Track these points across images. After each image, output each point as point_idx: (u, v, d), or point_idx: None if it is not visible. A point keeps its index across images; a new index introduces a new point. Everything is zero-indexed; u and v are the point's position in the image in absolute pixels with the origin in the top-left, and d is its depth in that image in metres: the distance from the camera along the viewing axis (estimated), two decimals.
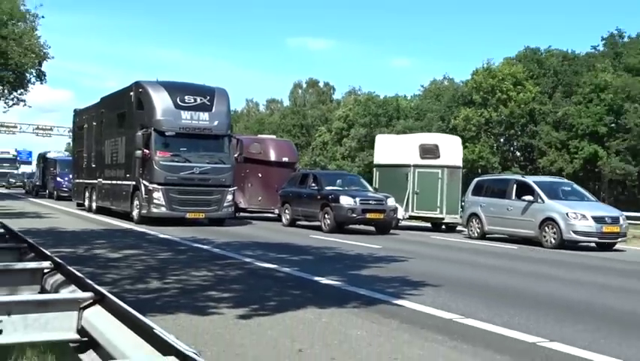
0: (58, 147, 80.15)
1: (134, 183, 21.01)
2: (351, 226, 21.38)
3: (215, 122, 20.72)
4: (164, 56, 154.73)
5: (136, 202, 20.90)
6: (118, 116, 23.41)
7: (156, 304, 7.53)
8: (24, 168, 70.23)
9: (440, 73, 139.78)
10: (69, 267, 4.21)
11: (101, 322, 3.13)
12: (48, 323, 3.32)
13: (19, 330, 3.29)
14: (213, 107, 20.83)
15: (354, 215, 20.28)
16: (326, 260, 12.80)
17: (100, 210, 24.78)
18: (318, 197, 21.50)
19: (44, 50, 34.35)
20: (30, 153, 75.36)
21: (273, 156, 26.09)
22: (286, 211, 23.19)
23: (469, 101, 59.04)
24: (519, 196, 19.43)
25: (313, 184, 22.37)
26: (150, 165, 19.95)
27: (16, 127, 76.11)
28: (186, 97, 20.52)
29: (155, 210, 19.74)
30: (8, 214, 21.39)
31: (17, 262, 4.97)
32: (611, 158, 49.56)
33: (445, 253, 16.61)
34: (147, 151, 19.87)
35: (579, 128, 51.16)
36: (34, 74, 35.35)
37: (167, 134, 20.01)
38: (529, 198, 18.88)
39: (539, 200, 18.69)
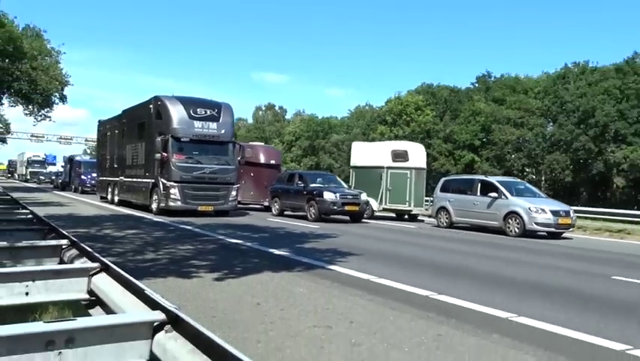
0: (76, 152, 78.15)
1: (153, 180, 18.94)
2: (331, 216, 20.10)
3: (222, 131, 19.04)
4: (159, 83, 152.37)
5: (154, 197, 18.89)
6: (138, 125, 21.36)
7: (151, 271, 7.42)
8: (50, 168, 68.26)
9: (363, 100, 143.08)
10: (82, 244, 4.13)
11: (105, 285, 3.09)
12: (64, 286, 3.28)
13: (42, 292, 3.25)
14: (220, 118, 19.11)
15: (335, 207, 19.16)
16: (279, 237, 12.76)
17: (121, 203, 22.74)
18: (304, 193, 20.08)
19: (66, 79, 34.02)
20: (55, 157, 73.73)
21: (262, 159, 24.91)
22: (275, 204, 21.78)
23: (384, 120, 60.09)
24: (484, 193, 18.01)
25: (300, 182, 21.03)
26: (168, 166, 18.07)
27: (43, 137, 77.30)
28: (198, 109, 18.75)
29: (172, 203, 17.96)
30: (37, 203, 20.66)
31: (41, 240, 4.86)
32: (483, 163, 51.10)
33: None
34: (165, 154, 17.97)
35: (461, 141, 52.80)
36: (58, 97, 34.83)
37: (182, 140, 18.23)
38: (494, 195, 17.51)
39: (503, 196, 17.33)
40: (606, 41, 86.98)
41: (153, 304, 2.41)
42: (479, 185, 18.66)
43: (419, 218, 22.79)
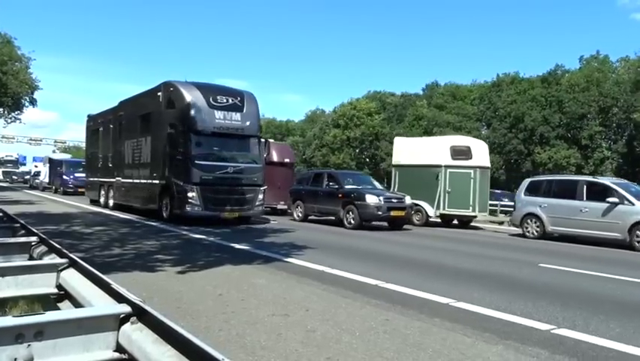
0: (45, 153, 75.82)
1: (163, 182, 14.74)
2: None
3: (247, 123, 14.78)
4: (125, 89, 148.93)
5: (165, 201, 14.73)
6: (141, 117, 16.79)
7: (118, 265, 7.24)
8: (21, 168, 65.52)
9: (317, 105, 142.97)
10: (50, 240, 4.00)
11: (73, 280, 3.00)
12: (34, 281, 3.17)
13: (12, 287, 3.13)
14: (244, 108, 14.88)
15: (380, 213, 15.18)
16: (239, 232, 12.63)
17: (118, 207, 18.35)
18: (339, 195, 15.93)
19: (35, 83, 32.82)
20: (25, 157, 71.12)
21: (275, 158, 20.00)
22: (298, 208, 17.57)
23: (337, 124, 60.38)
24: (593, 197, 13.64)
25: (331, 183, 16.73)
26: (185, 165, 13.93)
27: (13, 138, 74.18)
28: (218, 97, 14.50)
29: (189, 209, 13.80)
30: (7, 202, 19.93)
31: (11, 237, 4.67)
32: None
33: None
34: (181, 150, 14.00)
35: None
36: (28, 100, 33.57)
37: (202, 133, 14.03)
38: (613, 200, 13.15)
39: (626, 202, 13.05)
40: (535, 54, 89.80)
41: (119, 298, 2.35)
42: (585, 187, 14.14)
43: (473, 224, 18.69)
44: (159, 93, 15.32)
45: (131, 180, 17.30)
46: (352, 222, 15.24)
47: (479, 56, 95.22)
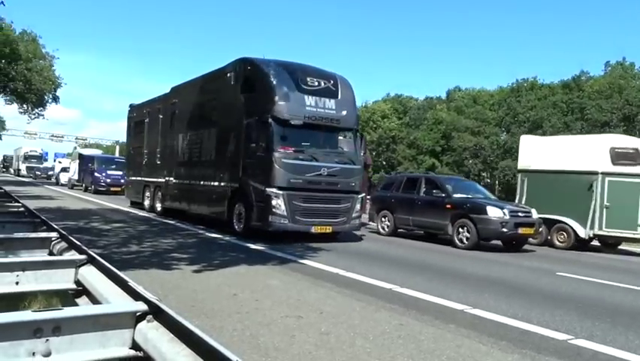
0: (66, 149, 76.72)
1: (235, 185, 11.71)
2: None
3: (344, 112, 11.65)
4: (148, 87, 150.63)
5: (239, 210, 11.59)
6: (203, 105, 13.94)
7: (135, 262, 7.31)
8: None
9: None
10: (70, 236, 4.05)
11: (91, 276, 3.03)
12: (53, 276, 3.21)
13: (32, 282, 3.17)
14: (339, 94, 11.74)
15: (505, 230, 11.84)
16: (254, 232, 12.65)
17: (169, 212, 15.47)
18: (446, 206, 12.64)
19: (59, 81, 33.34)
20: (47, 153, 71.59)
21: None
22: (384, 219, 14.47)
23: None
24: None
25: (434, 190, 13.35)
26: (269, 164, 10.74)
27: (36, 134, 74.79)
28: (309, 79, 11.39)
29: (274, 221, 10.70)
30: (31, 197, 20.26)
31: (32, 232, 4.75)
32: (443, 167, 51.70)
33: None
34: (262, 145, 10.93)
35: (424, 147, 53.34)
36: (51, 97, 34.10)
37: (292, 123, 10.88)
38: None
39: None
40: (557, 60, 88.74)
41: (136, 295, 2.37)
42: None
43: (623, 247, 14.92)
44: (230, 74, 12.33)
45: (187, 182, 14.34)
46: (466, 240, 12.05)
47: (499, 61, 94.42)
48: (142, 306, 2.20)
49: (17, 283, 3.11)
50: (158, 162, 16.65)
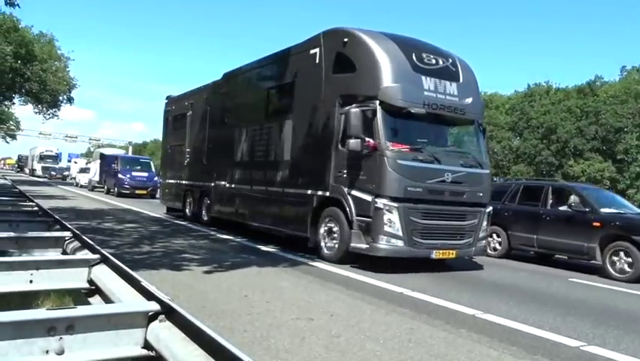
0: (80, 150, 77.34)
1: (323, 193, 8.94)
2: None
3: (468, 100, 8.90)
4: (160, 89, 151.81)
5: (329, 226, 8.76)
6: (271, 92, 11.35)
7: (146, 263, 7.35)
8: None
9: None
10: (83, 236, 4.09)
11: (104, 275, 3.06)
12: (66, 275, 3.25)
13: (45, 281, 3.21)
14: (460, 76, 9.03)
15: None
16: (266, 234, 12.67)
17: (219, 223, 12.85)
18: (595, 224, 9.74)
19: (73, 82, 33.73)
20: (61, 153, 71.80)
21: None
22: (493, 237, 11.32)
23: None
24: None
25: (573, 203, 10.32)
26: (378, 166, 8.04)
27: (50, 134, 75.11)
28: (424, 55, 8.75)
29: (384, 245, 7.94)
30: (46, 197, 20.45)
31: (46, 232, 4.80)
32: None
33: None
34: (370, 141, 8.09)
35: None
36: (66, 98, 34.48)
37: (412, 111, 8.20)
38: None
39: None
40: (571, 64, 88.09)
41: (149, 295, 2.39)
42: None
43: None
44: (314, 51, 9.57)
45: (248, 187, 11.49)
46: (627, 270, 9.13)
47: (514, 66, 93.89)
48: (154, 306, 2.22)
49: (31, 281, 3.15)
50: (205, 163, 13.74)
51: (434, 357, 4.08)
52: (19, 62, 28.25)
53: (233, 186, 12.21)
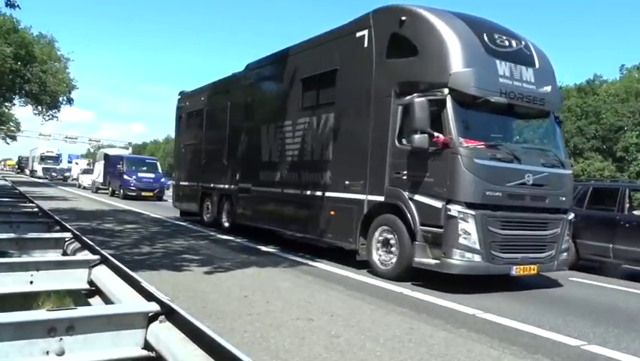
0: (80, 151, 77.36)
1: (376, 198, 7.72)
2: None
3: (547, 88, 7.68)
4: (156, 90, 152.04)
5: (384, 237, 7.61)
6: (307, 82, 9.76)
7: (146, 263, 7.37)
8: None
9: None
10: (83, 237, 4.10)
11: (104, 276, 3.07)
12: (66, 276, 3.25)
13: (46, 281, 3.22)
14: (536, 61, 7.76)
15: None
16: (265, 234, 12.66)
17: (242, 230, 11.62)
18: None
19: (73, 83, 33.72)
20: (61, 154, 71.61)
21: None
22: None
23: None
24: None
25: None
26: (450, 166, 6.74)
27: (50, 135, 74.94)
28: (496, 36, 7.49)
29: (458, 260, 6.59)
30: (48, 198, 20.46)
31: (46, 233, 4.81)
32: None
33: None
34: (439, 136, 6.78)
35: None
36: (65, 99, 34.45)
37: (481, 102, 7.00)
38: None
39: None
40: (570, 64, 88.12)
41: (149, 296, 2.40)
42: None
43: None
44: (361, 33, 8.35)
45: (279, 190, 10.24)
46: None
47: None
48: (154, 306, 2.22)
49: (31, 282, 3.15)
50: (226, 163, 12.51)
51: (434, 357, 4.09)
52: (19, 63, 28.26)
53: (260, 189, 10.96)
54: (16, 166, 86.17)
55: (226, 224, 12.50)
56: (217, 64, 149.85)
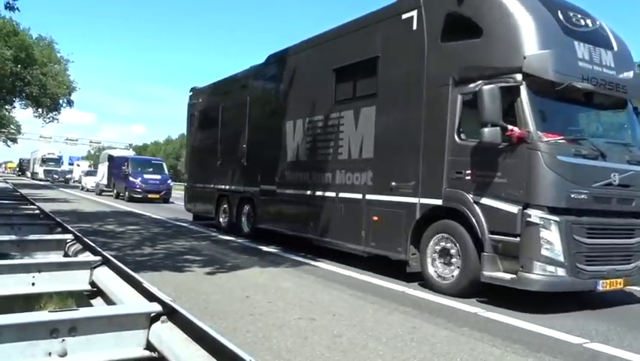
0: (80, 153, 77.68)
1: (432, 201, 6.73)
2: None
3: (628, 73, 6.60)
4: (156, 91, 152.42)
5: (443, 246, 6.57)
6: (339, 72, 8.76)
7: (148, 264, 7.37)
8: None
9: None
10: (85, 238, 4.10)
11: (105, 277, 3.07)
12: (68, 278, 3.26)
13: (47, 283, 3.23)
14: (613, 43, 6.65)
15: None
16: (267, 235, 12.64)
17: (266, 236, 10.66)
18: None
19: (73, 85, 33.77)
20: (62, 156, 71.50)
21: None
22: None
23: None
24: None
25: None
26: (528, 163, 5.75)
27: (50, 138, 74.96)
28: (571, 14, 6.46)
29: (539, 275, 5.62)
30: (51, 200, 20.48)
31: (48, 234, 4.82)
32: None
33: None
34: (514, 129, 5.79)
35: None
36: (66, 101, 34.47)
37: (577, 86, 5.99)
38: None
39: None
40: None
41: (151, 297, 2.40)
42: None
43: None
44: (409, 15, 7.42)
45: (310, 193, 9.18)
46: None
47: None
48: (156, 307, 2.22)
49: (33, 284, 3.16)
50: (246, 163, 11.46)
51: (437, 356, 4.09)
52: (19, 66, 28.30)
53: (286, 191, 9.97)
54: (17, 169, 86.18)
55: (246, 229, 11.54)
56: (217, 64, 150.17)
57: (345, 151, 8.44)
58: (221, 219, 12.76)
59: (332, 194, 8.64)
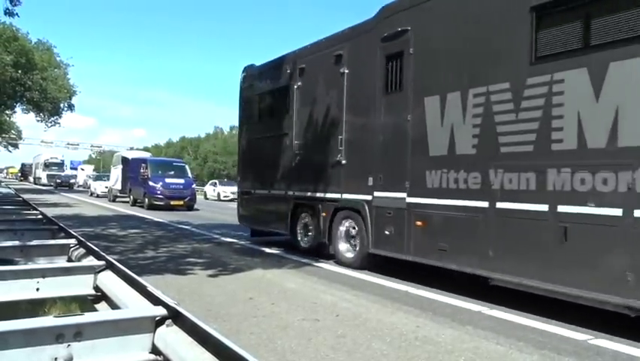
0: (82, 157, 77.78)
1: None
2: None
3: None
4: (157, 95, 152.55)
5: None
6: (546, 11, 5.16)
7: (151, 268, 7.39)
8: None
9: None
10: (88, 243, 4.10)
11: (109, 281, 3.07)
12: (72, 283, 3.25)
13: (52, 288, 3.22)
14: None
15: None
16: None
17: (385, 270, 7.57)
18: None
19: (74, 89, 33.88)
20: (63, 160, 71.31)
21: None
22: None
23: None
24: None
25: None
26: None
27: (52, 142, 75.34)
28: None
29: None
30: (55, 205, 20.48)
31: (51, 240, 4.82)
32: None
33: None
34: None
35: None
36: (66, 105, 34.55)
37: None
38: None
39: None
40: None
41: (155, 300, 2.40)
42: None
43: None
44: None
45: (485, 204, 5.81)
46: None
47: None
48: (161, 310, 2.22)
49: (37, 289, 3.16)
50: (345, 161, 8.31)
51: (441, 354, 4.09)
52: (19, 71, 28.36)
53: (431, 201, 6.59)
54: (19, 174, 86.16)
55: (348, 255, 8.30)
56: (216, 67, 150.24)
57: (569, 137, 5.05)
58: (299, 238, 9.62)
59: (541, 207, 5.24)
